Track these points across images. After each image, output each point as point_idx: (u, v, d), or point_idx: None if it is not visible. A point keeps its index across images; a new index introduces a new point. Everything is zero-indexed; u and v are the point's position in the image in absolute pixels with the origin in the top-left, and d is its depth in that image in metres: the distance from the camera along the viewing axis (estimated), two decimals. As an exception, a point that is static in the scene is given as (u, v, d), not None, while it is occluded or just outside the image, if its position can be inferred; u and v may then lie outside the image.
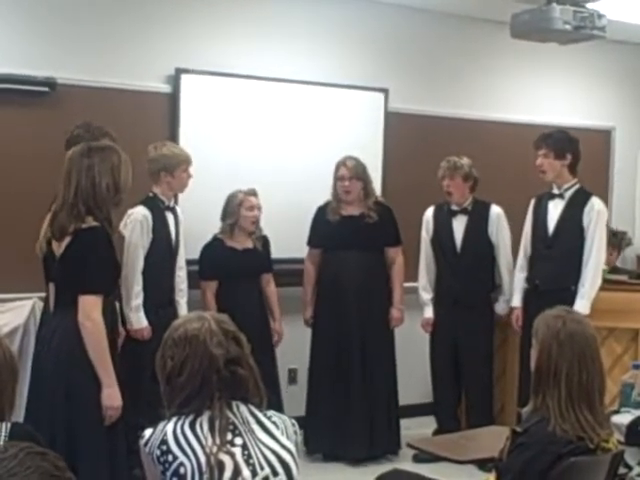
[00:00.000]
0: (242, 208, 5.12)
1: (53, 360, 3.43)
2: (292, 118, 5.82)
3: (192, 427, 2.26)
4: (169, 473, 2.23)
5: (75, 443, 3.37)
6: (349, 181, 5.34)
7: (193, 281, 5.05)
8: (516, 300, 5.42)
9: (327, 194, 5.44)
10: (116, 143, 3.81)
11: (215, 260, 5.12)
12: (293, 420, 2.43)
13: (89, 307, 3.39)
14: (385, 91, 6.14)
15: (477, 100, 6.63)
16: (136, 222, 4.60)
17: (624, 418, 3.80)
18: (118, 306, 4.03)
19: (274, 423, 2.35)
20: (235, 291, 5.07)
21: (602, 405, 2.78)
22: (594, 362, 2.75)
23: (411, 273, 5.61)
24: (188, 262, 4.98)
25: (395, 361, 5.47)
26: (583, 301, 5.03)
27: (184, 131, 5.42)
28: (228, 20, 5.62)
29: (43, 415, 3.41)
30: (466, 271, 5.45)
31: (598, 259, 5.14)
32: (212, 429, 2.25)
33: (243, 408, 2.33)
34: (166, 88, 5.44)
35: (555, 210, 5.24)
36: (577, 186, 5.25)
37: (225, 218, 5.16)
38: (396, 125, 6.15)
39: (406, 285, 5.56)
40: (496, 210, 5.54)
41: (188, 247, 4.97)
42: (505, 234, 5.55)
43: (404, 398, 5.66)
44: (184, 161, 4.80)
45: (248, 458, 2.24)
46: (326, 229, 5.41)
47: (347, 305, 5.33)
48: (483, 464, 4.28)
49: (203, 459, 2.21)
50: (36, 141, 4.98)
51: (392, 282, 5.46)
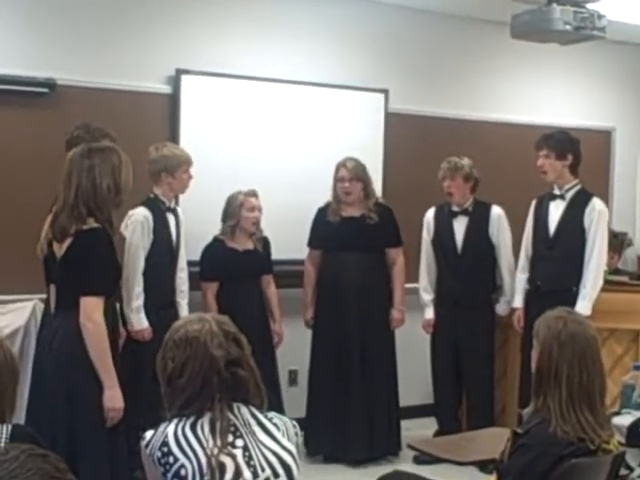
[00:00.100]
0: (243, 209, 5.12)
1: (54, 361, 3.43)
2: (292, 119, 5.82)
3: (193, 429, 2.26)
4: (170, 475, 2.23)
5: (76, 444, 3.37)
6: (349, 182, 5.33)
7: (194, 282, 5.05)
8: (517, 301, 5.41)
9: (327, 195, 5.44)
10: (116, 144, 3.79)
11: (216, 261, 5.12)
12: (294, 422, 2.43)
13: (90, 308, 3.38)
14: (385, 92, 6.14)
15: (477, 101, 6.63)
16: (137, 223, 4.60)
17: (625, 419, 3.80)
18: (118, 307, 4.02)
19: (275, 425, 2.35)
20: (235, 292, 5.07)
21: (603, 406, 2.77)
22: (595, 363, 2.75)
23: (412, 274, 5.61)
24: (189, 263, 4.98)
25: (395, 362, 5.47)
26: (584, 302, 5.03)
27: (184, 132, 5.41)
28: (228, 21, 5.62)
29: (44, 417, 3.41)
30: (467, 272, 5.44)
31: (599, 260, 5.14)
32: (213, 431, 2.24)
33: (244, 410, 2.33)
34: (166, 89, 5.44)
35: (556, 211, 5.23)
36: (578, 187, 5.25)
37: (226, 219, 5.16)
38: (396, 126, 6.15)
39: (407, 286, 5.56)
40: (497, 211, 5.53)
41: (188, 248, 4.97)
42: (506, 235, 5.54)
43: (404, 399, 5.65)
44: (185, 162, 4.80)
45: (249, 460, 2.23)
46: (326, 230, 5.41)
47: (347, 306, 5.33)
48: (484, 465, 4.28)
49: (204, 461, 2.20)
50: (36, 142, 4.98)
51: (393, 283, 5.45)
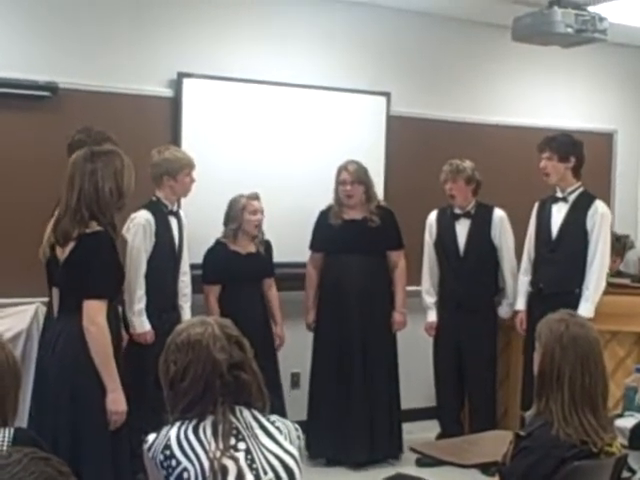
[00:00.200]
0: (245, 212, 5.12)
1: (57, 365, 3.43)
2: (294, 122, 5.82)
3: (195, 432, 2.26)
4: (173, 478, 2.22)
5: (79, 448, 3.36)
6: (351, 185, 5.33)
7: (197, 285, 5.05)
8: (520, 304, 5.41)
9: (329, 198, 5.44)
10: (118, 147, 3.79)
11: (218, 264, 5.12)
12: (296, 425, 2.43)
13: (93, 312, 3.38)
14: (387, 95, 6.14)
15: (479, 103, 6.62)
16: (139, 226, 4.60)
17: (627, 422, 3.79)
18: (120, 310, 4.02)
19: (277, 428, 2.34)
20: (238, 295, 5.07)
21: (605, 409, 2.77)
22: (597, 366, 2.74)
23: (414, 277, 5.61)
24: (191, 266, 4.98)
25: (397, 365, 5.46)
26: (587, 304, 5.02)
27: (186, 135, 5.42)
28: (230, 24, 5.63)
29: (47, 420, 3.41)
30: (469, 275, 5.44)
31: (602, 262, 5.13)
32: (215, 434, 2.24)
33: (246, 413, 2.33)
34: (168, 92, 5.44)
35: (559, 213, 5.23)
36: (581, 189, 5.24)
37: (228, 223, 5.16)
38: (398, 129, 6.15)
39: (409, 289, 5.56)
40: (499, 213, 5.53)
41: (191, 251, 4.97)
42: (508, 237, 5.53)
43: (407, 402, 5.65)
44: (187, 165, 4.80)
45: (251, 463, 2.23)
46: (328, 233, 5.41)
47: (349, 309, 5.33)
48: (486, 468, 4.29)
49: (206, 464, 2.20)
50: (38, 146, 4.98)
51: (394, 286, 5.45)
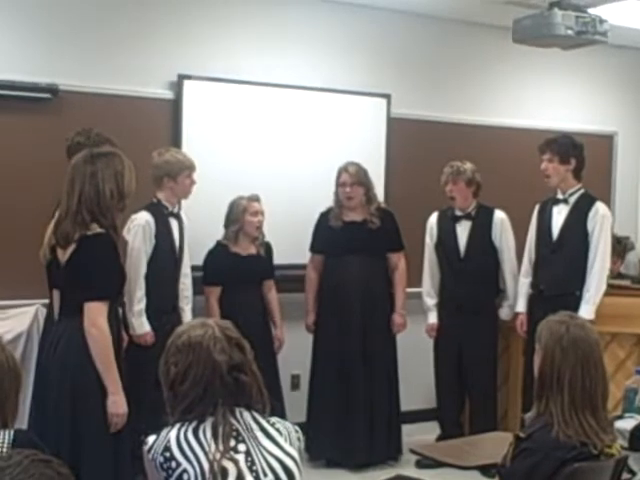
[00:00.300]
0: (246, 214, 5.12)
1: (58, 367, 3.43)
2: (294, 124, 5.82)
3: (195, 434, 2.26)
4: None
5: (80, 450, 3.36)
6: (351, 187, 5.33)
7: (197, 287, 5.05)
8: (521, 305, 5.41)
9: (329, 200, 5.44)
10: (117, 149, 3.80)
11: (219, 266, 5.12)
12: (296, 427, 2.43)
13: (95, 314, 3.38)
14: (387, 96, 6.14)
15: (480, 105, 6.63)
16: (138, 227, 4.61)
17: (627, 423, 3.77)
18: (120, 312, 4.02)
19: (277, 430, 2.34)
20: (238, 297, 5.07)
21: (605, 410, 2.77)
22: (597, 367, 2.74)
23: (415, 279, 5.61)
24: (192, 268, 4.98)
25: (397, 367, 5.46)
26: (588, 306, 5.02)
27: (186, 137, 5.42)
28: (230, 26, 5.63)
29: (47, 422, 3.40)
30: (470, 276, 5.44)
31: (603, 264, 5.13)
32: (215, 435, 2.24)
33: (246, 415, 2.32)
34: (168, 94, 5.44)
35: (559, 215, 5.23)
36: (582, 191, 5.24)
37: (229, 225, 5.16)
38: (398, 130, 6.15)
39: (410, 290, 5.55)
40: (500, 215, 5.53)
41: (191, 253, 4.97)
42: (509, 239, 5.53)
43: (407, 403, 5.65)
44: (187, 167, 4.80)
45: (251, 465, 2.23)
46: (328, 235, 5.41)
47: (349, 311, 5.33)
48: (486, 470, 4.29)
49: (206, 466, 2.20)
50: (38, 148, 4.98)
51: (394, 287, 5.45)
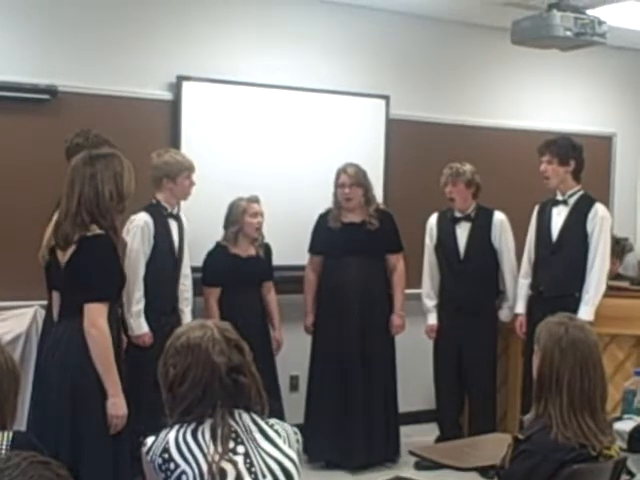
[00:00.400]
0: (246, 215, 5.12)
1: (58, 368, 3.42)
2: (293, 125, 5.83)
3: (194, 435, 2.25)
4: (171, 481, 2.23)
5: (80, 451, 3.36)
6: (350, 188, 5.33)
7: (197, 288, 5.05)
8: (520, 307, 5.41)
9: (328, 201, 5.44)
10: (116, 150, 3.79)
11: (219, 267, 5.12)
12: (295, 428, 2.43)
13: (94, 315, 3.38)
14: (386, 98, 6.14)
15: (478, 106, 6.63)
16: (137, 228, 4.61)
17: (626, 425, 3.78)
18: (119, 312, 4.02)
19: (276, 431, 2.34)
20: (237, 299, 5.07)
21: (604, 412, 2.77)
22: (596, 369, 2.74)
23: (414, 280, 5.61)
24: (192, 269, 4.98)
25: (395, 368, 5.46)
26: (587, 307, 5.02)
27: (185, 138, 5.42)
28: (229, 27, 5.63)
29: (47, 423, 3.40)
30: (470, 278, 5.44)
31: (602, 265, 5.13)
32: (214, 437, 2.24)
33: (245, 416, 2.32)
34: (167, 95, 5.44)
35: (559, 216, 5.23)
36: (581, 192, 5.24)
37: (228, 226, 5.16)
38: (397, 132, 6.15)
39: (409, 292, 5.56)
40: (499, 217, 5.53)
41: (191, 254, 4.97)
42: (508, 240, 5.53)
43: (406, 405, 5.65)
44: (186, 168, 4.80)
45: (250, 466, 2.23)
46: (327, 236, 5.41)
47: (348, 312, 5.32)
48: (485, 472, 4.28)
49: (205, 467, 2.20)
50: (37, 149, 4.99)
51: (393, 289, 5.45)
